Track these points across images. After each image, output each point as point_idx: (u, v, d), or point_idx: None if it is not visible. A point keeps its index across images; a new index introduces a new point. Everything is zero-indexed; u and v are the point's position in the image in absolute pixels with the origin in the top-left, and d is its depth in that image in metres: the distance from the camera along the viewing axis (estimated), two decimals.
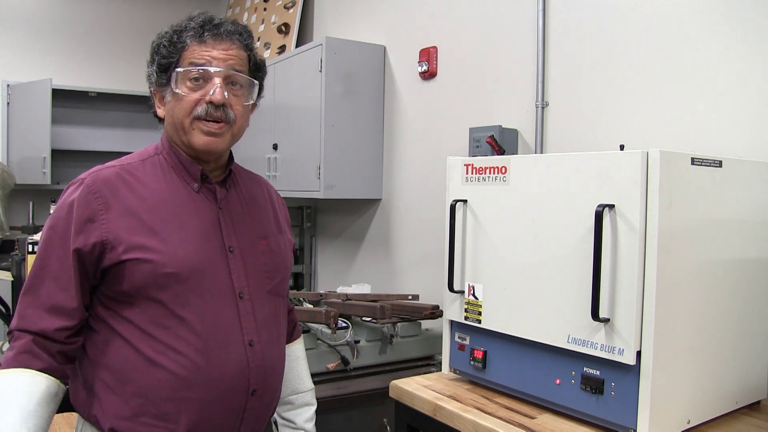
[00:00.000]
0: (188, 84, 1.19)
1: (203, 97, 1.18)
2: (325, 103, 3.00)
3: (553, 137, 2.23)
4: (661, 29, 1.88)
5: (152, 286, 1.14)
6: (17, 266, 2.52)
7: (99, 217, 1.14)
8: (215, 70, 1.19)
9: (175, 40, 1.20)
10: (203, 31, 1.20)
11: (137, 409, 1.14)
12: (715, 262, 1.33)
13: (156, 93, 1.26)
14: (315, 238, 3.82)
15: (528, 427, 1.33)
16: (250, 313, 1.23)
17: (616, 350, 1.24)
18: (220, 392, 1.18)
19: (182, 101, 1.19)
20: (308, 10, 3.87)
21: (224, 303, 1.20)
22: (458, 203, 1.58)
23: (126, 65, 4.70)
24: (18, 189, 4.25)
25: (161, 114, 1.26)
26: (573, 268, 1.32)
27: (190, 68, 1.19)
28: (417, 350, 2.48)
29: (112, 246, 1.13)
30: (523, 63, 2.34)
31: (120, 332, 1.16)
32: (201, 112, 1.19)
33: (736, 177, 1.37)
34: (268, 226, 1.35)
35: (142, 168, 1.23)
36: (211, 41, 1.20)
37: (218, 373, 1.17)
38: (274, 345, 1.28)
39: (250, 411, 1.23)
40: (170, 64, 1.20)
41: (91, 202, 1.15)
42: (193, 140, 1.21)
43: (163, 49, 1.21)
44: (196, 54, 1.19)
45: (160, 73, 1.22)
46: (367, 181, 3.14)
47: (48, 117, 4.13)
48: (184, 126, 1.20)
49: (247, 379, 1.21)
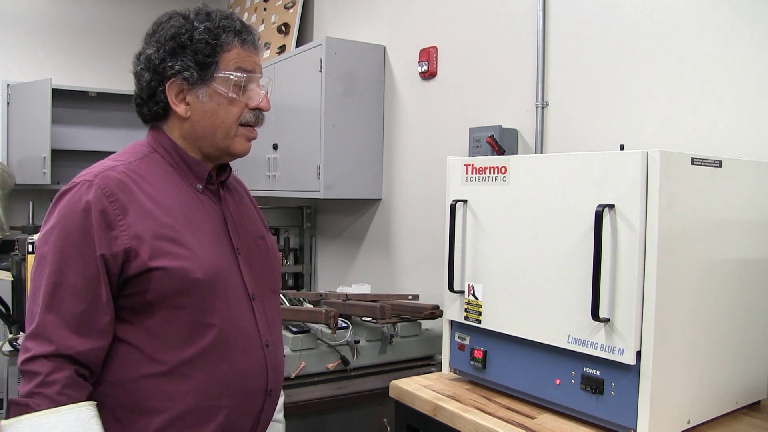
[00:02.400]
0: (234, 87, 1.16)
1: (247, 103, 1.18)
2: (325, 103, 3.00)
3: (553, 137, 2.23)
4: (661, 29, 1.88)
5: (179, 294, 1.09)
6: (17, 266, 2.52)
7: (118, 223, 1.07)
8: (259, 78, 1.20)
9: (220, 40, 1.15)
10: (245, 35, 1.18)
11: (162, 423, 1.10)
12: (715, 262, 1.33)
13: (176, 88, 1.16)
14: (315, 238, 3.82)
15: (528, 427, 1.33)
16: (263, 314, 1.23)
17: (616, 350, 1.24)
18: (244, 397, 1.17)
19: (233, 106, 1.17)
20: (308, 10, 3.87)
21: (243, 306, 1.18)
22: (458, 203, 1.58)
23: (126, 65, 4.60)
24: (18, 189, 4.25)
25: (182, 112, 1.17)
26: (573, 268, 1.32)
27: (240, 74, 1.16)
28: (417, 350, 2.48)
29: (136, 253, 1.07)
30: (523, 63, 2.34)
31: (138, 345, 1.10)
32: (251, 118, 1.19)
33: (736, 177, 1.37)
34: (259, 225, 1.35)
35: (144, 167, 1.17)
36: (251, 46, 1.20)
37: (243, 379, 1.16)
38: (281, 344, 1.29)
39: (266, 411, 1.23)
40: (212, 63, 1.15)
41: (107, 207, 1.07)
42: (235, 146, 1.19)
43: (203, 46, 1.14)
44: (244, 59, 1.18)
45: (200, 70, 1.15)
46: (367, 181, 3.14)
47: (48, 117, 4.12)
48: (229, 131, 1.17)
49: (266, 381, 1.21)
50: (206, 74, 1.15)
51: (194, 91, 1.16)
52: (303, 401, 2.16)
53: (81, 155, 4.57)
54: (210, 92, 1.16)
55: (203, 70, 1.15)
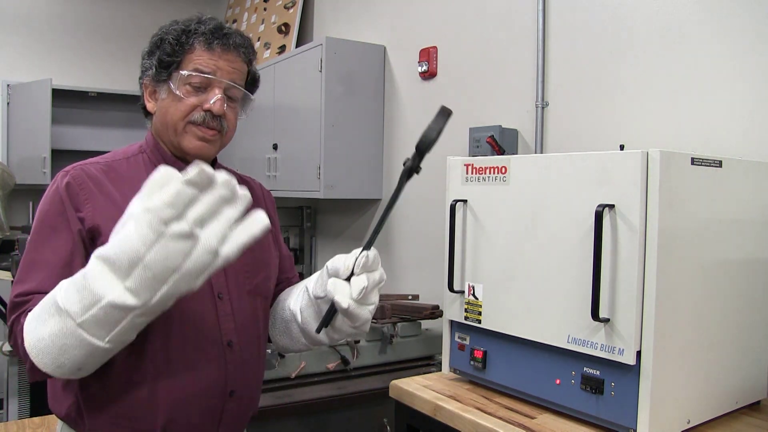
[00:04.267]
0: (188, 88, 1.19)
1: (201, 104, 1.19)
2: (325, 103, 3.00)
3: (553, 137, 2.23)
4: (660, 29, 1.88)
5: None
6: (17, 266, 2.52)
7: (84, 207, 1.13)
8: (219, 81, 1.19)
9: (183, 41, 1.19)
10: (213, 38, 1.20)
11: (115, 413, 1.13)
12: (715, 262, 1.33)
13: (147, 86, 1.24)
14: (315, 238, 3.82)
15: (528, 427, 1.33)
16: (230, 313, 1.22)
17: (616, 350, 1.24)
18: (195, 392, 1.17)
19: (180, 103, 1.19)
20: (308, 10, 3.87)
21: (202, 303, 1.19)
22: (458, 203, 1.58)
23: (126, 65, 4.69)
24: (18, 189, 4.25)
25: (151, 108, 1.25)
26: (573, 268, 1.32)
27: (194, 74, 1.18)
28: (417, 350, 2.48)
29: (98, 234, 1.11)
30: (523, 63, 2.34)
31: None
32: (198, 118, 1.20)
33: (736, 177, 1.37)
34: None
35: (126, 165, 1.24)
36: (219, 50, 1.20)
37: (191, 373, 1.16)
38: (254, 345, 1.27)
39: (229, 412, 1.22)
40: (173, 62, 1.19)
41: (76, 192, 1.13)
42: (184, 143, 1.21)
43: (167, 46, 1.19)
44: (203, 60, 1.19)
45: (160, 69, 1.20)
46: (367, 181, 3.14)
47: (48, 117, 4.12)
48: (176, 128, 1.20)
49: (224, 380, 1.20)
50: (167, 73, 1.20)
51: (158, 88, 1.22)
52: (303, 401, 2.16)
53: (81, 155, 4.51)
54: (167, 90, 1.21)
55: (164, 68, 1.20)
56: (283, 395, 2.14)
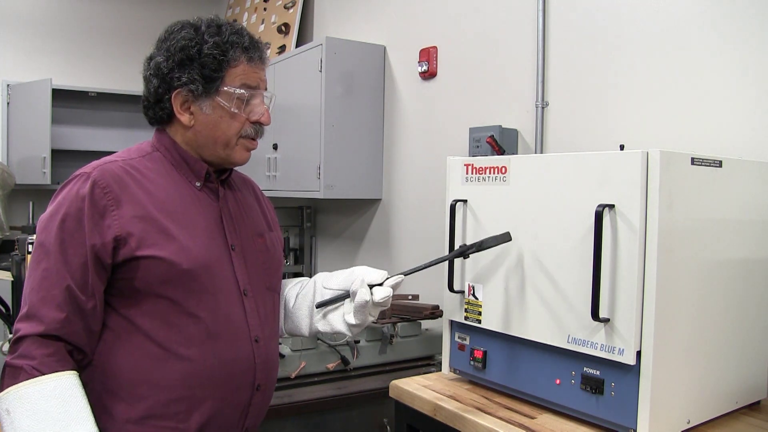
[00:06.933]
0: (236, 102, 1.21)
1: (249, 117, 1.23)
2: (325, 103, 3.00)
3: (553, 137, 2.23)
4: (660, 29, 1.88)
5: (165, 283, 1.14)
6: (17, 266, 2.52)
7: (110, 213, 1.12)
8: (264, 94, 1.25)
9: (227, 56, 1.19)
10: (253, 52, 1.23)
11: (146, 412, 1.13)
12: (715, 262, 1.33)
13: (180, 97, 1.21)
14: (315, 238, 3.82)
15: (528, 427, 1.33)
16: (254, 309, 1.25)
17: (616, 350, 1.24)
18: (230, 389, 1.19)
19: (234, 120, 1.22)
20: (308, 10, 3.87)
21: (232, 300, 1.21)
22: (458, 203, 1.58)
23: (126, 65, 4.69)
24: (18, 189, 4.25)
25: (186, 121, 1.22)
26: (573, 268, 1.32)
27: (249, 91, 1.22)
28: (417, 350, 2.48)
29: (125, 242, 1.12)
30: (523, 63, 2.34)
31: (125, 332, 1.14)
32: (251, 132, 1.25)
33: (736, 177, 1.36)
34: (261, 223, 1.38)
35: (144, 163, 1.23)
36: (258, 63, 1.24)
37: (228, 370, 1.18)
38: (274, 340, 1.31)
39: (254, 406, 1.25)
40: (218, 78, 1.19)
41: (101, 197, 1.12)
42: (234, 156, 1.25)
43: (210, 60, 1.19)
44: (249, 75, 1.22)
45: (206, 84, 1.19)
46: (367, 181, 3.14)
47: (48, 117, 4.12)
48: (229, 143, 1.23)
49: (254, 375, 1.23)
50: (211, 88, 1.20)
51: (198, 102, 1.21)
52: (303, 401, 2.16)
53: (81, 155, 4.57)
54: (213, 105, 1.21)
55: (209, 83, 1.19)
56: (283, 395, 2.14)
